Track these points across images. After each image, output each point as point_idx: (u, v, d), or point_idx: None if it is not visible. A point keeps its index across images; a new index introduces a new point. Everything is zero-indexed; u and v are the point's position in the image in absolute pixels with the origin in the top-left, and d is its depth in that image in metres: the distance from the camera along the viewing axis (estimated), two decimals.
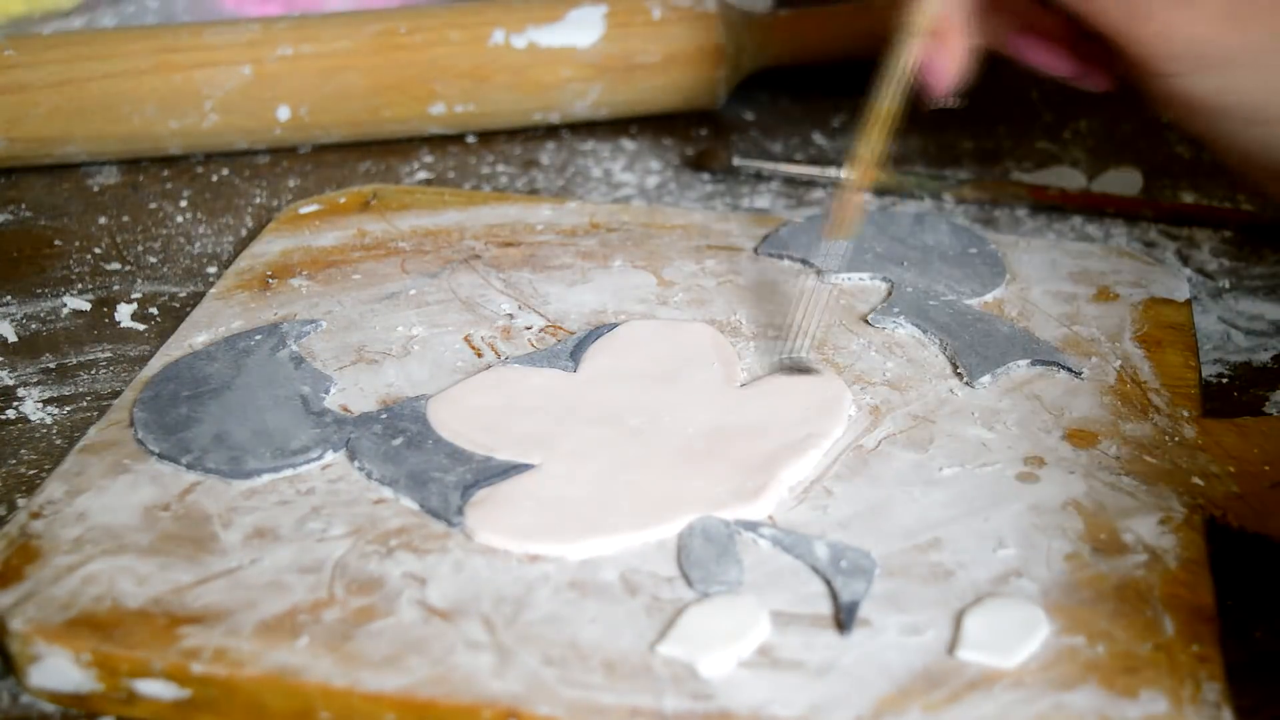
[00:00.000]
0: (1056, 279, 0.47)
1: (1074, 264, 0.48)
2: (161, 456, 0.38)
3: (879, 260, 0.47)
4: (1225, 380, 0.45)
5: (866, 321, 0.44)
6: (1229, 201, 0.55)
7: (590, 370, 0.42)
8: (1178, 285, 0.46)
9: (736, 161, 0.57)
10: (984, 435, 0.39)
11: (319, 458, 0.38)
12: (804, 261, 0.48)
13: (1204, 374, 0.44)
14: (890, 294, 0.46)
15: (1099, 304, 0.45)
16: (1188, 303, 0.46)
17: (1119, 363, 0.42)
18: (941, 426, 0.40)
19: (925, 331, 0.43)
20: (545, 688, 0.31)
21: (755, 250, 0.48)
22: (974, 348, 0.42)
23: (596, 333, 0.43)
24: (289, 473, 0.37)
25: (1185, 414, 0.40)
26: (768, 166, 0.57)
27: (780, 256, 0.48)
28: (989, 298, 0.46)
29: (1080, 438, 0.39)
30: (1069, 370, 0.42)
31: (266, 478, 0.37)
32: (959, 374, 0.42)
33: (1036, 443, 0.39)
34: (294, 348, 0.43)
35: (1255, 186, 0.44)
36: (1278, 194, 0.44)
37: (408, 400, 0.40)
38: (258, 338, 0.43)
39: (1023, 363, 0.42)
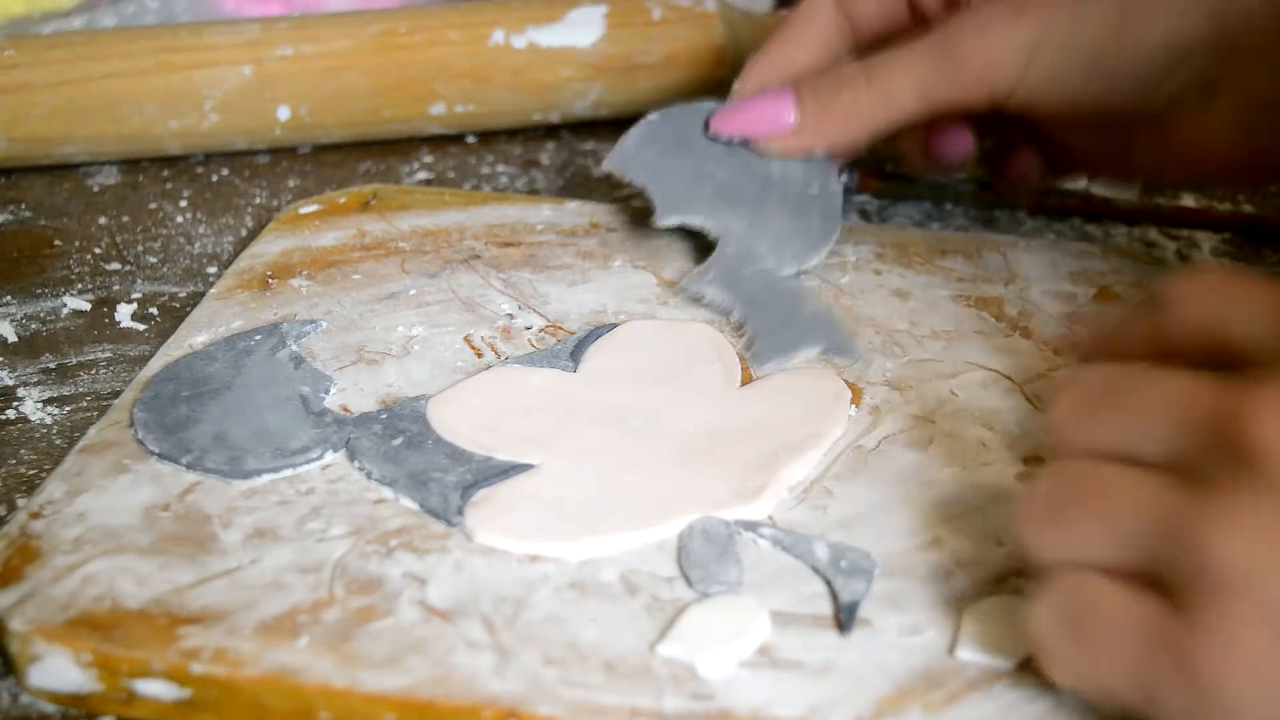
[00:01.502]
0: (1056, 279, 0.47)
1: (1074, 264, 0.48)
2: (161, 456, 0.38)
3: (716, 198, 0.47)
4: None
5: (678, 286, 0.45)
6: (1229, 202, 0.55)
7: (590, 370, 0.42)
8: None
9: None
10: (984, 435, 0.39)
11: (319, 458, 0.38)
12: (644, 190, 0.47)
13: None
14: (711, 255, 0.46)
15: (1099, 304, 0.45)
16: None
17: None
18: (941, 426, 0.40)
19: (733, 304, 0.44)
20: (545, 688, 0.31)
21: (600, 165, 0.49)
22: (772, 330, 0.42)
23: (596, 333, 0.43)
24: (289, 473, 0.37)
25: None
26: None
27: (624, 180, 0.48)
28: (812, 263, 0.46)
29: None
30: (850, 360, 0.42)
31: (266, 478, 0.37)
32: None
33: (1036, 443, 0.39)
34: (294, 348, 0.43)
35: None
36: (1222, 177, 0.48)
37: (407, 400, 0.40)
38: (258, 338, 0.43)
39: (814, 351, 0.42)
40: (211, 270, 0.51)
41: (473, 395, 0.40)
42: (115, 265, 0.52)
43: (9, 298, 0.49)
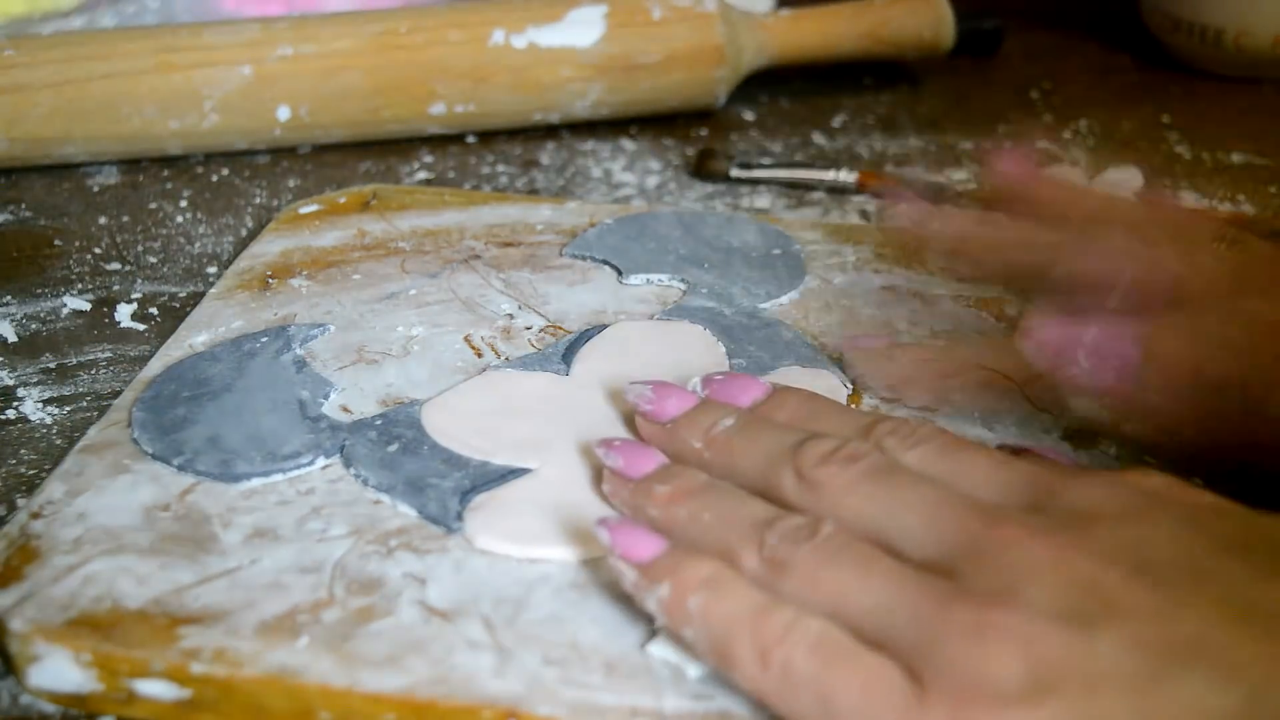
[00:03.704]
0: None
1: None
2: (154, 457, 0.38)
3: (680, 262, 0.47)
4: None
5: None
6: (1229, 202, 0.55)
7: (583, 373, 0.42)
8: None
9: (734, 173, 0.57)
10: (984, 435, 0.39)
11: (310, 463, 0.38)
12: (606, 262, 0.48)
13: None
14: (684, 296, 0.46)
15: None
16: None
17: None
18: (941, 426, 0.39)
19: (709, 333, 0.44)
20: (545, 688, 0.31)
21: (561, 251, 0.48)
22: (749, 354, 0.42)
23: (587, 334, 0.43)
24: (279, 477, 0.37)
25: None
26: (764, 175, 0.57)
27: (584, 258, 0.48)
28: (785, 300, 0.46)
29: (1080, 438, 0.39)
30: (841, 379, 0.41)
31: (256, 482, 0.37)
32: None
33: (1036, 443, 0.39)
34: (299, 351, 0.43)
35: None
36: None
37: (401, 406, 0.40)
38: (264, 339, 0.43)
39: (795, 368, 0.42)
40: (211, 270, 0.51)
41: (467, 400, 0.40)
42: (115, 265, 0.52)
43: (9, 298, 0.49)
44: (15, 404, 0.43)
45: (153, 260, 0.52)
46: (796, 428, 0.35)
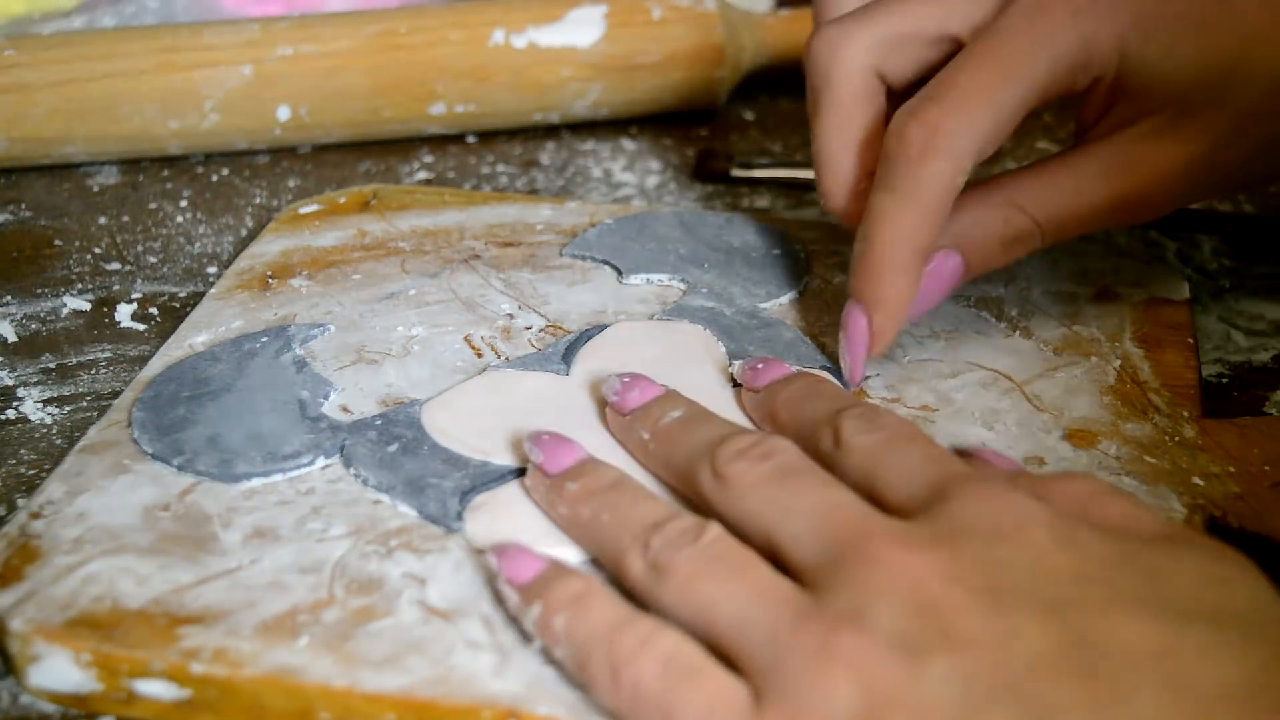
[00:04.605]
0: (1056, 279, 0.47)
1: (1074, 264, 0.48)
2: (154, 457, 0.38)
3: (680, 262, 0.47)
4: (1225, 380, 0.45)
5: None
6: (1229, 202, 0.55)
7: (583, 373, 0.42)
8: (1178, 285, 0.46)
9: (734, 173, 0.57)
10: (984, 435, 0.39)
11: (310, 463, 0.38)
12: (606, 263, 0.48)
13: (1204, 374, 0.44)
14: (684, 296, 0.46)
15: (1099, 304, 0.45)
16: (1188, 303, 0.46)
17: (1119, 363, 0.42)
18: (941, 426, 0.39)
19: (709, 333, 0.44)
20: (545, 688, 0.31)
21: (560, 251, 0.48)
22: (748, 352, 0.42)
23: (587, 334, 0.43)
24: (279, 477, 0.37)
25: (1185, 414, 0.40)
26: (764, 175, 0.57)
27: (584, 258, 0.48)
28: (785, 300, 0.46)
29: (1080, 438, 0.39)
30: (839, 380, 0.41)
31: (256, 481, 0.37)
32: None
33: (1036, 443, 0.39)
34: (299, 351, 0.43)
35: None
36: None
37: (401, 406, 0.40)
38: (264, 340, 0.43)
39: (794, 368, 0.42)
40: (211, 270, 0.51)
41: (467, 400, 0.40)
42: (115, 265, 0.52)
43: (9, 298, 0.49)
44: (15, 404, 0.44)
45: (153, 260, 0.52)
46: (728, 423, 0.35)
